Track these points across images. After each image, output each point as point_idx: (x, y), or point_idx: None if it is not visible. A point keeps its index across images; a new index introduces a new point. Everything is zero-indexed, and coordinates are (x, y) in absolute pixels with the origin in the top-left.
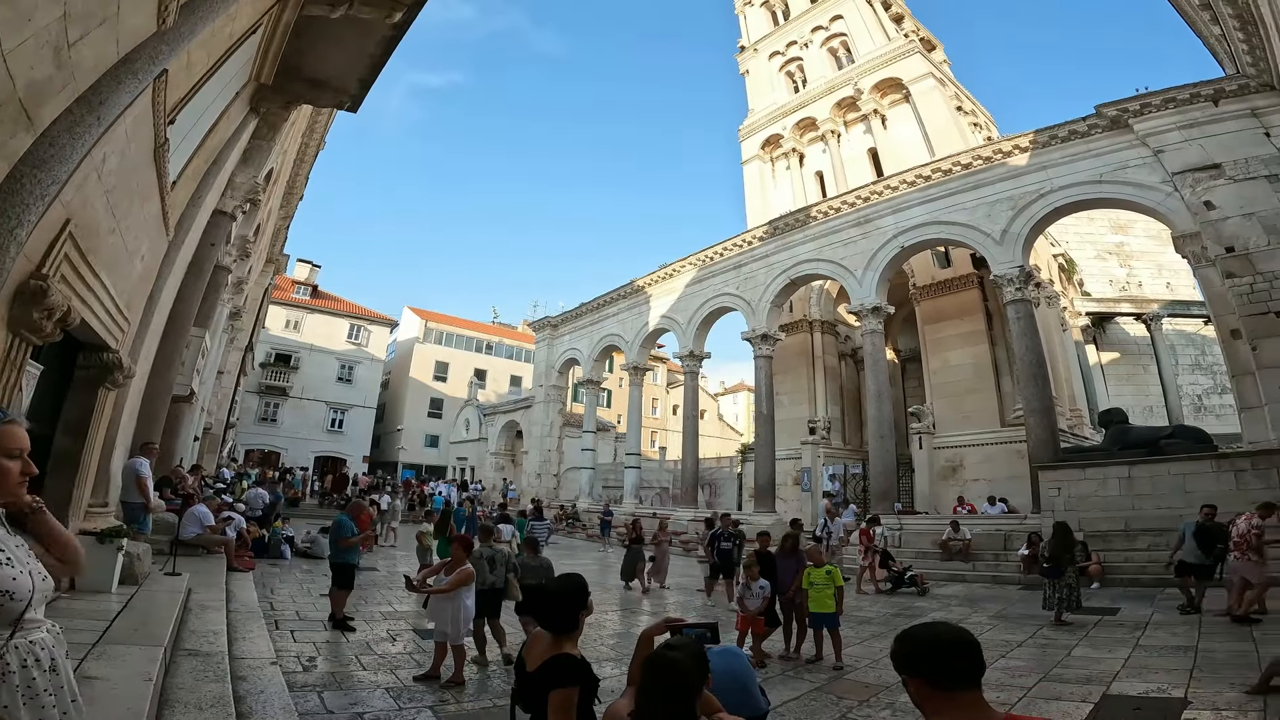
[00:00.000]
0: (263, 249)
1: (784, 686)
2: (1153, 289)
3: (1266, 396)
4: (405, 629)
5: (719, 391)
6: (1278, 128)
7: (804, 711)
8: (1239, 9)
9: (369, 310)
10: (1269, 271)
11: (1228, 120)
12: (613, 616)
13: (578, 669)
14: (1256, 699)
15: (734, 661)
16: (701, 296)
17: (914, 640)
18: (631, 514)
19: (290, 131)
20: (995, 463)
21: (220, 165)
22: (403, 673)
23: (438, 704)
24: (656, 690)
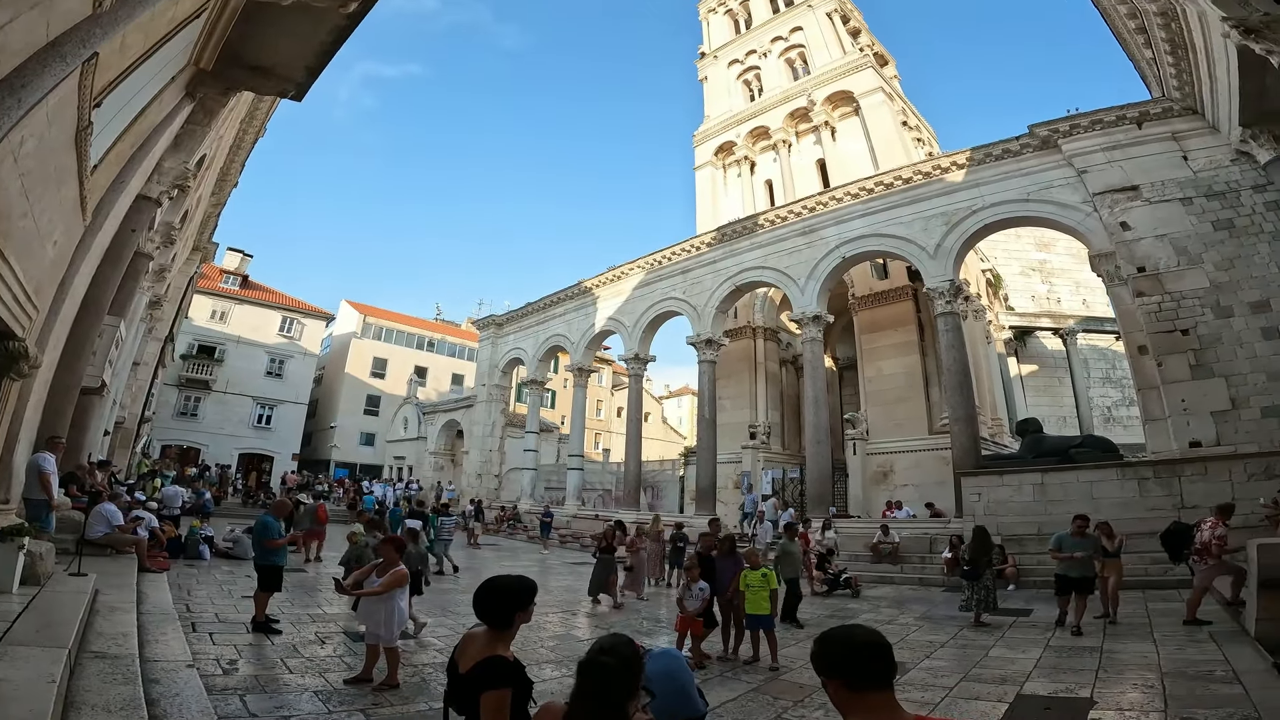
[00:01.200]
0: (189, 236)
1: (722, 687)
2: (1070, 305)
3: (1169, 409)
4: (335, 632)
5: (663, 395)
6: (1195, 151)
7: (741, 712)
8: (1172, 33)
9: (303, 303)
10: (1176, 291)
11: (1149, 143)
12: (553, 619)
13: (510, 671)
14: (1157, 698)
15: (672, 663)
16: (648, 300)
17: (831, 643)
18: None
19: (229, 117)
20: (923, 468)
21: (148, 149)
22: (333, 676)
23: (370, 707)
24: (588, 694)
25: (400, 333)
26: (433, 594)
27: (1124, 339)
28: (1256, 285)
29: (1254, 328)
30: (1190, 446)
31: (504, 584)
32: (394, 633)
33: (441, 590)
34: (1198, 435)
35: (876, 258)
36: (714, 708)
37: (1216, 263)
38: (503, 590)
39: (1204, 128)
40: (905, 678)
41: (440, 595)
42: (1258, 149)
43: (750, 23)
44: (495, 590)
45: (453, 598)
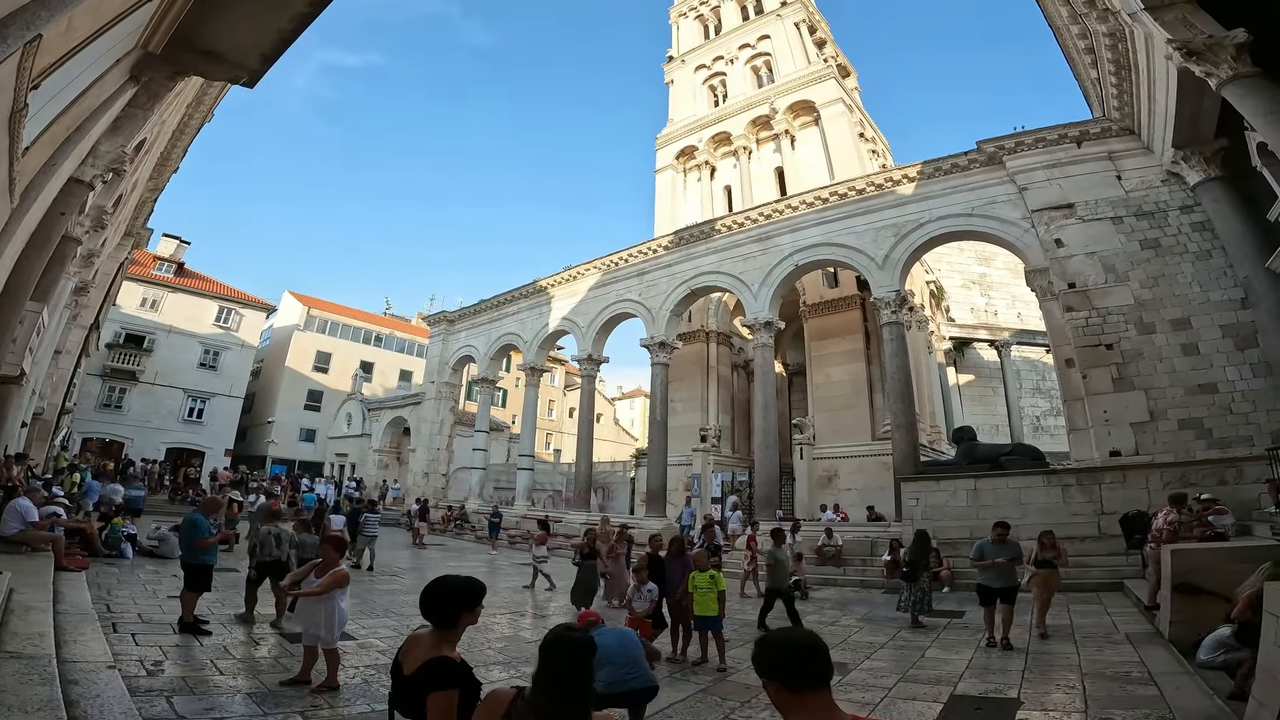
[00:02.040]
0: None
1: (670, 689)
2: (1006, 318)
3: (1092, 420)
4: (270, 632)
5: (616, 396)
6: (1128, 171)
7: (689, 713)
8: (1118, 54)
9: (242, 293)
10: (1103, 308)
11: (1087, 162)
12: (501, 620)
13: (457, 671)
14: (1079, 699)
15: (624, 637)
16: (604, 301)
17: (770, 645)
18: (544, 516)
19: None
20: (866, 473)
21: (85, 132)
22: (267, 677)
23: (309, 709)
24: (557, 666)
25: (346, 326)
26: (376, 595)
27: (1053, 352)
28: (1178, 303)
29: (1174, 344)
30: (1110, 455)
31: (452, 584)
32: (334, 634)
33: (386, 591)
34: (1118, 445)
35: (828, 266)
36: (663, 708)
37: (1142, 280)
38: (450, 590)
39: (1139, 148)
40: (847, 678)
41: (384, 596)
42: (1188, 170)
43: (720, 28)
44: (442, 590)
45: (396, 599)
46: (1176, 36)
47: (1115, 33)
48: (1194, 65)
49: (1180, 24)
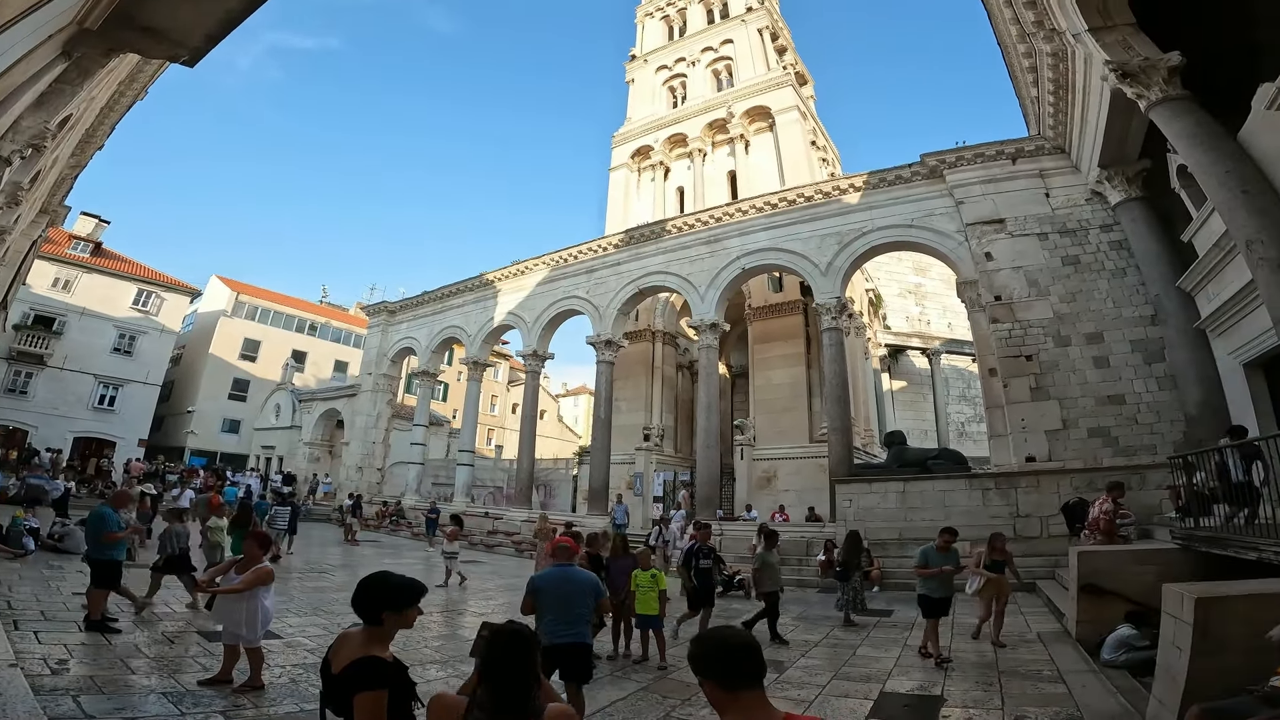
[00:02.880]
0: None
1: (612, 687)
2: (938, 327)
3: (1011, 427)
4: (187, 631)
5: (561, 393)
6: (1056, 189)
7: (631, 711)
8: (1058, 74)
9: (165, 275)
10: (1025, 320)
11: (1020, 179)
12: (437, 619)
13: (386, 671)
14: (996, 696)
15: (567, 581)
16: (551, 297)
17: (705, 644)
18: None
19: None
20: (803, 475)
21: (7, 107)
22: (185, 677)
23: (231, 709)
24: (502, 659)
25: (278, 314)
26: (304, 592)
27: (979, 361)
28: (1093, 318)
29: (1087, 357)
30: (1026, 461)
31: (382, 580)
32: (257, 632)
33: (315, 589)
34: (1033, 451)
35: (774, 271)
36: (604, 707)
37: (1061, 295)
38: (379, 586)
39: (1068, 167)
40: (783, 675)
41: (312, 594)
42: (1110, 190)
43: (684, 30)
44: (372, 586)
45: (325, 596)
46: (1114, 58)
47: (1058, 53)
48: (1127, 87)
49: (1119, 46)
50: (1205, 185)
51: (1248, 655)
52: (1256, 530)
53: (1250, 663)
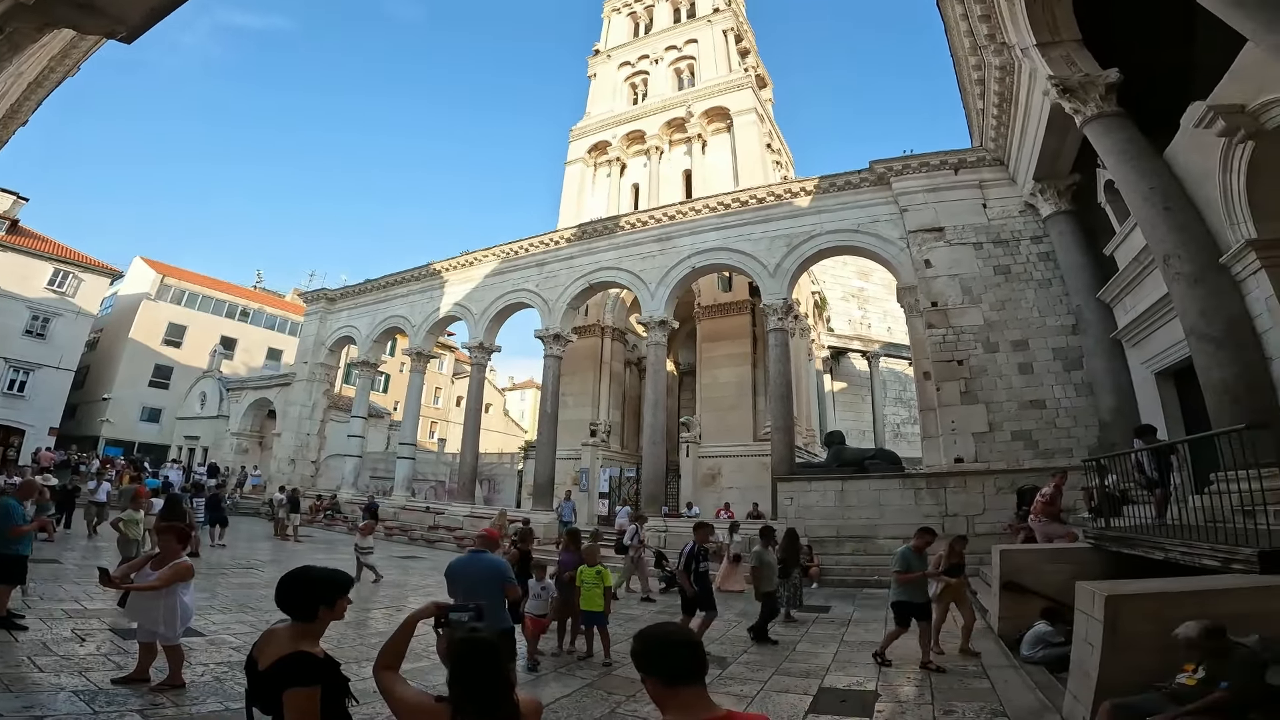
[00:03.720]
0: None
1: (557, 683)
2: (878, 331)
3: (942, 429)
4: (99, 628)
5: (507, 387)
6: (993, 200)
7: (576, 707)
8: (1004, 87)
9: (84, 255)
10: (959, 326)
11: (960, 189)
12: (376, 615)
13: (318, 667)
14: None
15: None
16: (500, 289)
17: (646, 640)
18: (425, 508)
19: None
20: (747, 473)
21: None
22: (96, 675)
23: (148, 707)
24: (474, 670)
25: (207, 298)
26: (231, 589)
27: (914, 365)
28: (1019, 326)
29: (1012, 363)
30: (955, 462)
31: (311, 574)
32: (177, 630)
33: (242, 585)
34: (961, 453)
35: (724, 271)
36: (549, 704)
37: (992, 303)
38: (309, 580)
39: (1005, 179)
40: (727, 671)
41: (239, 590)
42: (1042, 203)
43: (650, 28)
44: (300, 580)
45: (253, 593)
46: (1057, 73)
47: (1006, 66)
48: (1066, 101)
49: (1063, 61)
50: (1130, 201)
51: (1156, 653)
52: (1163, 531)
53: (1158, 660)
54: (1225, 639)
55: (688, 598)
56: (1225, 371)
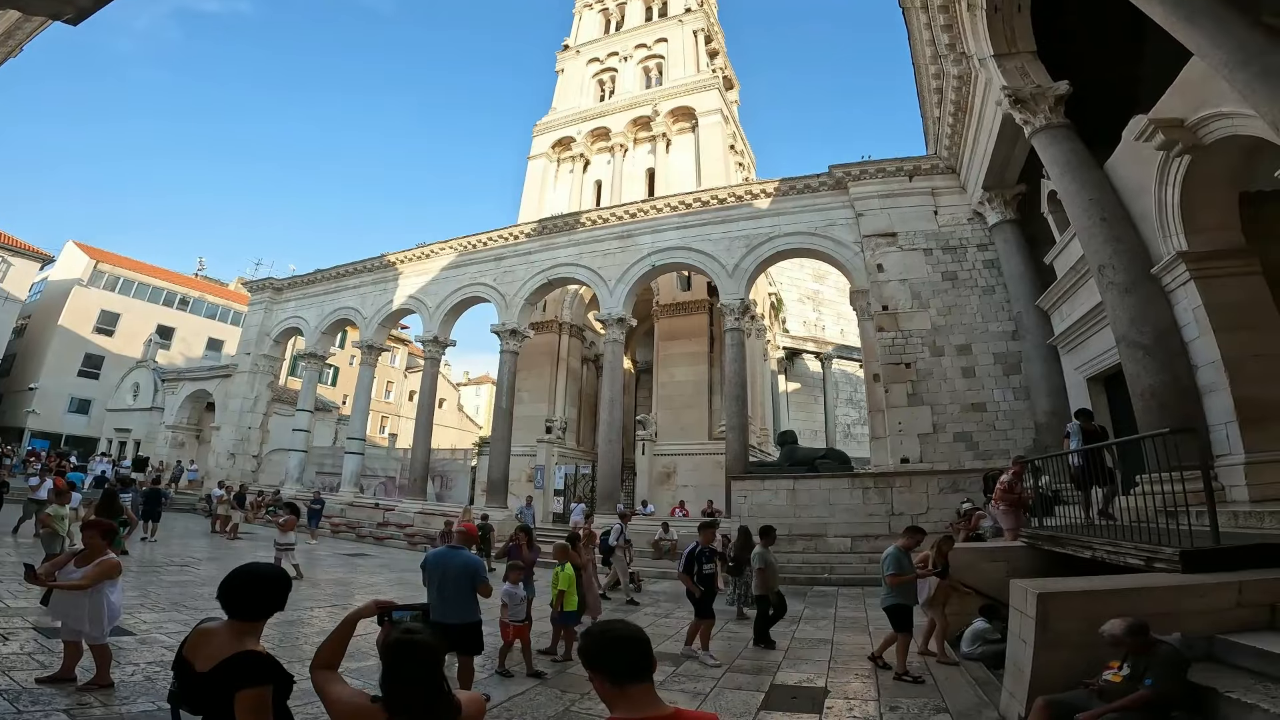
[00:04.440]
0: None
1: (510, 682)
2: (832, 333)
3: (889, 430)
4: (23, 627)
5: (462, 382)
6: (944, 208)
7: (528, 705)
8: (961, 96)
9: (12, 238)
10: (907, 330)
11: (914, 195)
12: (319, 614)
13: (268, 666)
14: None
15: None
16: (456, 283)
17: (592, 637)
18: (374, 504)
19: None
20: (702, 471)
21: None
22: (20, 675)
23: (75, 707)
24: (407, 670)
25: (143, 285)
26: (165, 587)
27: (865, 367)
28: (963, 331)
29: (956, 367)
30: (901, 462)
31: (262, 572)
32: (104, 629)
33: (177, 583)
34: (907, 453)
35: (684, 270)
36: (502, 702)
37: (939, 308)
38: (262, 578)
39: (956, 187)
40: (680, 669)
41: (173, 588)
42: (989, 211)
43: (621, 25)
44: (254, 577)
45: (188, 590)
46: (1011, 84)
47: (963, 76)
48: (1017, 112)
49: (1017, 72)
50: (1070, 211)
51: (1084, 649)
52: (1090, 530)
53: (1087, 657)
54: (1149, 636)
55: (697, 600)
56: (1153, 378)
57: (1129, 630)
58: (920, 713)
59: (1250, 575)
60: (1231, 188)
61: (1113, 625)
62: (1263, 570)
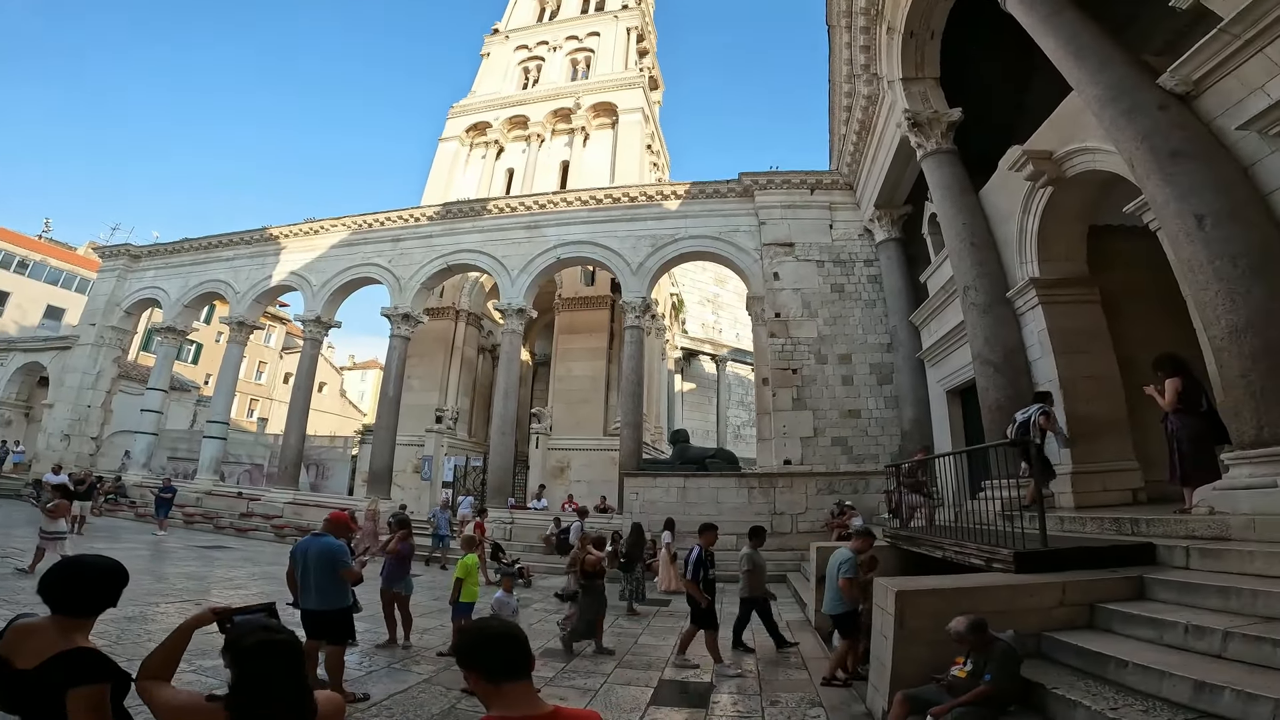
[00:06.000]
0: None
1: (389, 679)
2: (728, 336)
3: (775, 432)
4: None
5: (346, 365)
6: (839, 222)
7: (411, 704)
8: (867, 116)
9: None
10: (797, 337)
11: (813, 208)
12: (168, 610)
13: (104, 663)
14: (755, 682)
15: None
16: (347, 261)
17: (467, 634)
18: (236, 493)
19: None
20: (595, 467)
21: None
22: None
23: None
24: (270, 672)
25: None
26: None
27: (756, 371)
28: (845, 341)
29: (837, 375)
30: (784, 464)
31: (98, 565)
32: None
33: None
34: (790, 455)
35: (588, 264)
36: (380, 700)
37: (826, 318)
38: (97, 571)
39: (852, 203)
40: (570, 665)
41: None
42: (878, 228)
43: (556, 14)
44: (86, 569)
45: (7, 584)
46: (912, 107)
47: (872, 96)
48: (913, 135)
49: (920, 97)
50: (945, 234)
51: (936, 645)
52: (940, 531)
53: (939, 653)
54: (987, 634)
55: (701, 609)
56: (1000, 393)
57: (970, 628)
58: (798, 707)
59: (1072, 576)
60: (1083, 220)
61: (957, 623)
62: (1083, 571)
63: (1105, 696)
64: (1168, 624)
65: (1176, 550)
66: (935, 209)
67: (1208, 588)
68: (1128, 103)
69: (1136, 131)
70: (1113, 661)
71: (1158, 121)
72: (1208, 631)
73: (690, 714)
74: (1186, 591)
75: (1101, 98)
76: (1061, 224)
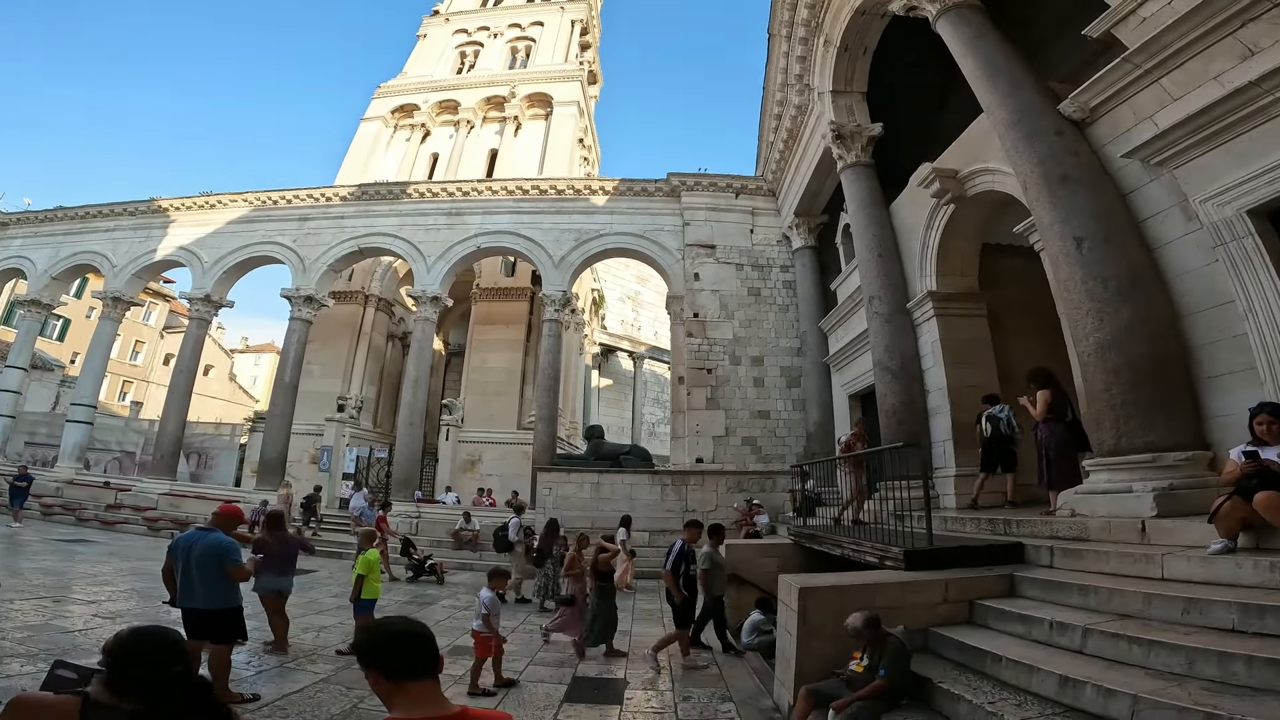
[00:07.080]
0: None
1: (284, 679)
2: (647, 334)
3: (688, 431)
4: None
5: (238, 348)
6: (759, 228)
7: (309, 704)
8: (795, 125)
9: None
10: (713, 338)
11: (736, 212)
12: (24, 607)
13: None
14: (667, 678)
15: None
16: (246, 239)
17: (368, 632)
18: (103, 483)
19: None
20: (508, 461)
21: None
22: None
23: None
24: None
25: None
26: None
27: (672, 369)
28: (758, 344)
29: (750, 376)
30: (696, 462)
31: None
32: None
33: None
34: (702, 454)
35: (510, 255)
36: (273, 700)
37: (742, 321)
38: None
39: (773, 209)
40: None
41: None
42: (795, 236)
43: (500, 0)
44: None
45: None
46: (837, 119)
47: (802, 106)
48: (836, 147)
49: (845, 110)
50: (856, 244)
51: (837, 641)
52: (839, 530)
53: (838, 648)
54: (881, 629)
55: (678, 605)
56: (896, 399)
57: (866, 623)
58: (709, 701)
59: (954, 574)
60: (979, 238)
61: (854, 619)
62: (963, 570)
63: (984, 691)
64: (1035, 620)
65: (1043, 550)
66: (850, 220)
67: (1070, 585)
68: (1029, 127)
69: (1034, 155)
70: (989, 656)
71: (1053, 146)
72: (1069, 628)
73: (603, 711)
74: (1051, 589)
75: (1007, 120)
76: (960, 240)
